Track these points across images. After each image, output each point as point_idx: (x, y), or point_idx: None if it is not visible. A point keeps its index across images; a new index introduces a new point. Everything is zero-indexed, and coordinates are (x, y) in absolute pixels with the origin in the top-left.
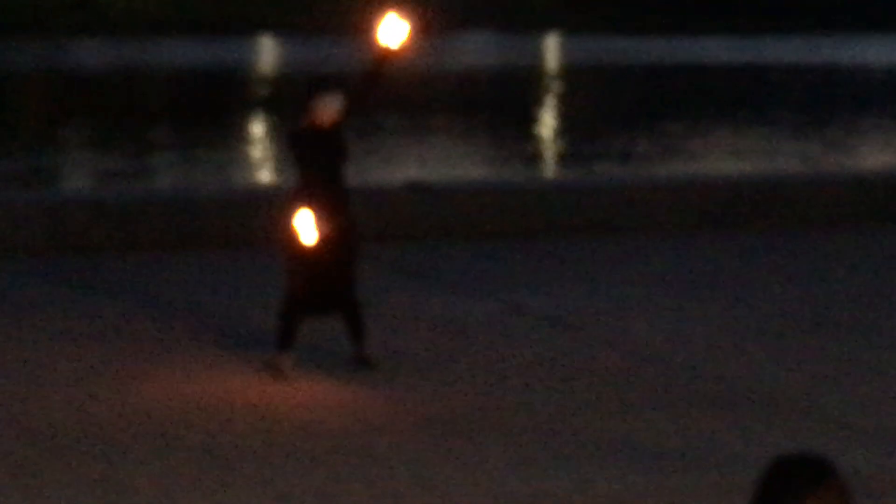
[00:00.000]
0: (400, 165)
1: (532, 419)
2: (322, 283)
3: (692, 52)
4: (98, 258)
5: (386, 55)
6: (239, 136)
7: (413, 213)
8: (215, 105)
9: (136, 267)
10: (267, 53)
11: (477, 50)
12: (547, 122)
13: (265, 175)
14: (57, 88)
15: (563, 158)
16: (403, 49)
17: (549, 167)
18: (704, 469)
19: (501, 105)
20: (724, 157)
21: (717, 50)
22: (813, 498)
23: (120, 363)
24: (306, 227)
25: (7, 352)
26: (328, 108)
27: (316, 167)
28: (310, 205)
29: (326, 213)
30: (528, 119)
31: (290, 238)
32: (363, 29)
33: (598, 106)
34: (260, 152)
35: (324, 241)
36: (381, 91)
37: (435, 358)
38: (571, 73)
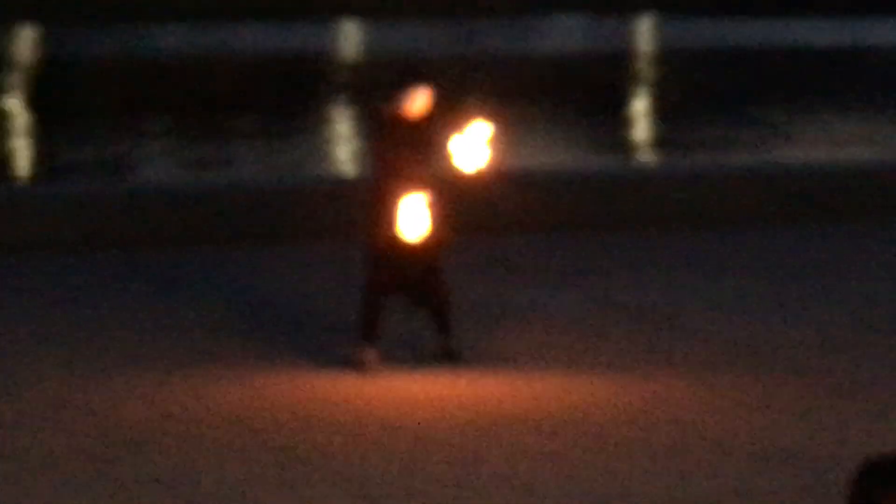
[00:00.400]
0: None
1: (623, 415)
2: (409, 274)
3: (790, 35)
4: (175, 251)
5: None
6: (319, 126)
7: (500, 203)
8: (296, 93)
9: (213, 260)
10: (349, 39)
11: (566, 33)
12: (638, 109)
13: (345, 166)
14: (135, 76)
15: (655, 147)
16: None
17: (641, 155)
18: (801, 468)
19: (592, 91)
20: (822, 145)
21: (815, 32)
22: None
23: (198, 359)
24: (414, 219)
25: (85, 346)
26: (418, 101)
27: (402, 157)
28: (394, 197)
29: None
30: (618, 106)
31: (375, 228)
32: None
33: (691, 92)
34: (341, 142)
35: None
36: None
37: (522, 352)
38: (664, 57)
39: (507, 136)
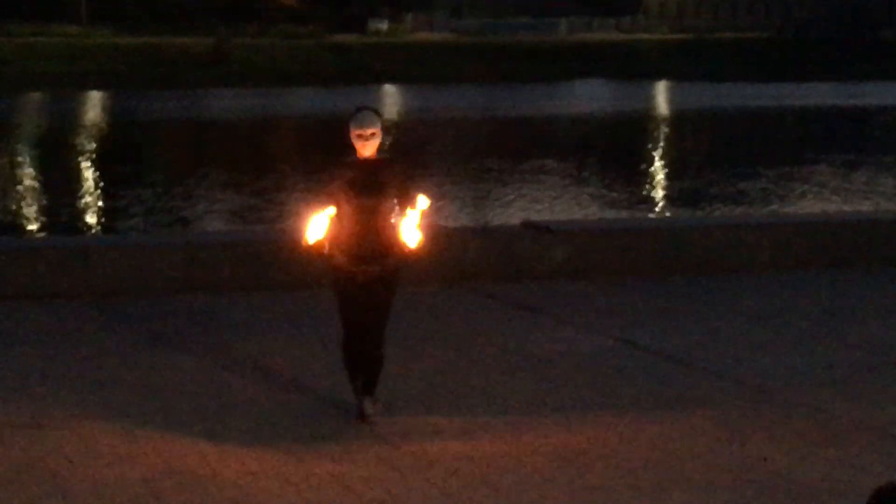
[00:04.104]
0: (517, 206)
1: (648, 455)
2: (356, 326)
3: (799, 97)
4: (229, 297)
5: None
6: None
7: (529, 253)
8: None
9: (264, 305)
10: (390, 102)
11: (589, 97)
12: (658, 165)
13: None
14: (192, 137)
15: (674, 200)
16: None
17: (660, 208)
18: (817, 503)
19: (613, 149)
20: (831, 198)
21: (823, 95)
22: None
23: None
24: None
25: (139, 391)
26: (365, 122)
27: (353, 202)
28: (342, 242)
29: (362, 256)
30: (639, 162)
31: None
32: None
33: (707, 149)
34: None
35: (360, 284)
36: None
37: (548, 393)
38: (681, 118)
39: (537, 189)
